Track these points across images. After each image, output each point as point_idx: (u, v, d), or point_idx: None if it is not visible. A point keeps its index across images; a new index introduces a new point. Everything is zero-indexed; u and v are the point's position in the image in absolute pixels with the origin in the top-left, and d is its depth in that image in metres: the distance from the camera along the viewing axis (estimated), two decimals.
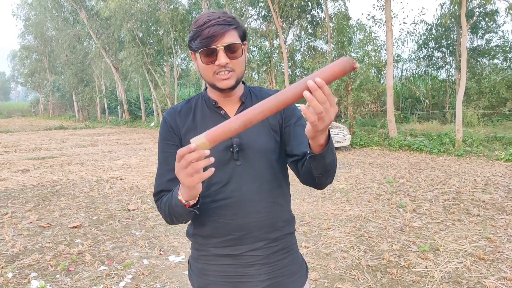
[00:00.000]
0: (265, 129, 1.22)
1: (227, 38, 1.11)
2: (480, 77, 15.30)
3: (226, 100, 1.24)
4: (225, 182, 1.18)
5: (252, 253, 1.20)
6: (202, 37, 1.10)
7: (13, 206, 5.52)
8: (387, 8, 11.56)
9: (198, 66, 1.18)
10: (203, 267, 1.26)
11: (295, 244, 1.33)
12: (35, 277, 3.27)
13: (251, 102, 1.26)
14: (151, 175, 7.67)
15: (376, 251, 3.73)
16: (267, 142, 1.21)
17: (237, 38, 1.14)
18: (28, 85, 40.63)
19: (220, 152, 1.17)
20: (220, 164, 1.16)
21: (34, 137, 16.19)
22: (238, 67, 1.15)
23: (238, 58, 1.14)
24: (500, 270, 3.25)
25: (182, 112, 1.26)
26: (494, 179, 6.80)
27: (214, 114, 1.23)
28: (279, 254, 1.24)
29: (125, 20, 19.32)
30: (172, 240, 4.09)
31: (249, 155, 1.19)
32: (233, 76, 1.15)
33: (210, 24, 1.10)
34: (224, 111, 1.23)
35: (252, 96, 1.29)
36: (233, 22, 1.14)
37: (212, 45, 1.10)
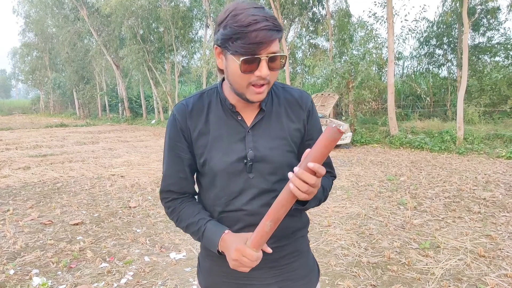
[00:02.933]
0: (285, 141, 1.14)
1: (273, 48, 0.98)
2: (481, 74, 15.26)
3: (246, 105, 1.12)
4: (236, 194, 1.12)
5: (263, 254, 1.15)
6: (247, 42, 0.95)
7: (14, 203, 5.53)
8: (389, 5, 11.52)
9: (231, 70, 1.02)
10: (210, 267, 1.23)
11: (306, 246, 1.27)
12: (36, 274, 3.28)
13: (272, 107, 1.16)
14: (152, 172, 7.68)
15: (376, 248, 3.73)
16: (284, 155, 1.13)
17: (279, 47, 1.02)
18: (29, 83, 40.62)
19: (232, 164, 1.10)
20: (232, 176, 1.11)
21: (35, 135, 16.21)
22: (274, 79, 1.05)
23: (277, 70, 1.03)
24: (500, 267, 3.25)
25: (193, 111, 1.14)
26: (495, 176, 6.80)
27: (230, 119, 1.13)
28: (288, 257, 1.20)
29: (126, 17, 19.30)
30: (173, 237, 4.10)
31: (263, 169, 1.11)
32: (266, 90, 1.04)
33: (257, 28, 0.94)
34: (241, 117, 1.13)
35: (274, 99, 1.17)
36: (280, 28, 1.00)
37: (257, 54, 0.97)
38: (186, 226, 1.16)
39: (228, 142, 1.11)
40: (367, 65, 12.40)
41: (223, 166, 1.10)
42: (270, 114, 1.15)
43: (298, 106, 1.17)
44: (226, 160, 1.10)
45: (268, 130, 1.13)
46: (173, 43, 19.98)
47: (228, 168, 1.10)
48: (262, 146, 1.11)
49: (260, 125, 1.13)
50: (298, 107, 1.17)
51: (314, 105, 1.22)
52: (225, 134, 1.12)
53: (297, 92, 1.20)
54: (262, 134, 1.12)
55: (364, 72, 12.27)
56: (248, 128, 1.12)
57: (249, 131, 1.12)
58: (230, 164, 1.10)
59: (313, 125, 1.20)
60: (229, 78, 1.05)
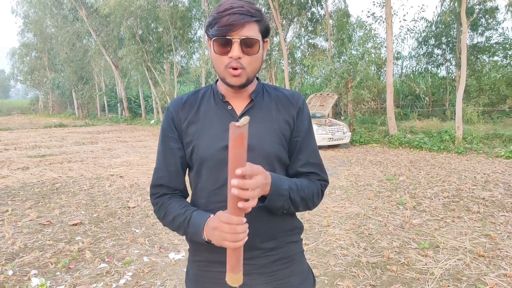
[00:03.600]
0: (274, 132, 1.13)
1: (246, 31, 1.02)
2: (480, 74, 15.29)
3: (235, 95, 1.15)
4: (221, 183, 1.09)
5: (247, 262, 1.07)
6: (220, 25, 1.01)
7: (13, 204, 5.52)
8: (387, 5, 11.53)
9: (211, 55, 1.10)
10: (197, 273, 1.19)
11: (299, 254, 1.22)
12: (35, 274, 3.27)
13: (262, 100, 1.17)
14: (151, 172, 7.67)
15: (376, 248, 3.73)
16: (273, 146, 1.12)
17: (257, 33, 1.05)
18: (27, 83, 40.57)
19: (219, 150, 1.09)
20: (218, 164, 1.09)
21: (34, 135, 16.19)
22: (250, 65, 1.06)
23: (252, 55, 1.05)
24: (500, 267, 3.25)
25: (187, 103, 1.18)
26: (494, 176, 6.80)
27: (220, 109, 1.15)
28: (278, 263, 1.15)
29: (125, 18, 19.29)
30: (172, 238, 4.09)
31: (251, 158, 1.03)
32: (243, 74, 1.06)
33: (231, 12, 1.00)
34: (231, 107, 1.14)
35: (265, 94, 1.18)
36: (257, 14, 1.04)
37: (228, 35, 1.01)
38: (173, 218, 1.11)
39: (217, 130, 1.12)
40: (366, 65, 12.41)
41: (210, 152, 1.10)
42: (260, 105, 1.15)
43: (289, 102, 1.17)
44: (213, 147, 1.10)
45: (257, 120, 1.11)
46: (172, 43, 19.97)
47: (215, 154, 1.10)
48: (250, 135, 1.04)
49: (250, 114, 1.10)
50: (289, 103, 1.17)
51: (306, 105, 1.20)
52: (215, 122, 1.13)
53: (288, 91, 1.22)
54: (251, 124, 1.06)
55: (363, 72, 12.28)
56: (237, 117, 1.12)
57: (238, 120, 1.09)
58: (216, 151, 1.09)
59: (302, 122, 1.18)
60: (213, 64, 1.11)
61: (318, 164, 1.20)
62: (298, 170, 1.16)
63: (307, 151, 1.17)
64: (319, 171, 1.19)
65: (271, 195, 1.02)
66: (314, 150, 1.20)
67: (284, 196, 1.05)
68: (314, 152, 1.19)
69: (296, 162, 1.17)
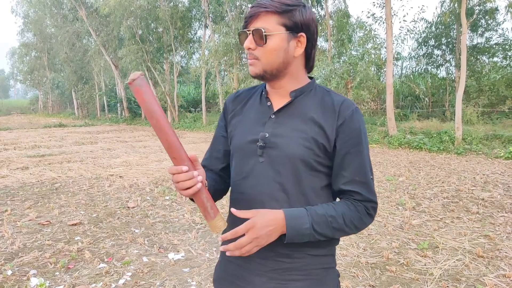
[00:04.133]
0: (303, 134, 1.07)
1: (259, 22, 1.03)
2: (479, 75, 15.30)
3: (275, 92, 1.13)
4: (244, 175, 1.12)
5: (260, 261, 1.09)
6: (244, 16, 1.09)
7: (12, 204, 5.52)
8: (387, 6, 11.54)
9: None
10: (221, 261, 1.24)
11: (320, 270, 1.11)
12: (34, 274, 3.27)
13: (303, 101, 1.11)
14: (150, 172, 7.67)
15: (375, 248, 3.73)
16: (298, 148, 1.06)
17: (273, 25, 1.02)
18: (27, 83, 40.53)
19: (246, 144, 1.12)
20: (244, 156, 1.12)
21: (33, 135, 16.18)
22: (263, 57, 1.05)
23: (262, 46, 1.04)
24: (499, 268, 3.25)
25: (240, 97, 1.24)
26: (493, 177, 6.81)
27: (262, 105, 1.16)
28: (291, 273, 1.08)
29: (125, 18, 19.27)
30: (171, 238, 4.09)
31: (274, 156, 1.07)
32: (257, 64, 1.06)
33: (254, 4, 1.04)
34: (270, 103, 1.14)
35: (310, 95, 1.12)
36: (276, 5, 1.02)
37: (246, 28, 1.05)
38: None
39: (250, 124, 1.15)
40: (366, 66, 12.42)
41: (238, 144, 1.15)
42: (298, 105, 1.11)
43: (332, 109, 1.08)
44: (242, 139, 1.14)
45: (290, 119, 1.09)
46: (172, 43, 19.96)
47: (242, 147, 1.13)
48: (279, 133, 1.08)
49: (285, 113, 1.11)
50: (332, 110, 1.08)
51: (356, 117, 1.08)
52: (252, 116, 1.16)
53: (339, 98, 1.11)
54: (283, 122, 1.10)
55: (363, 73, 12.29)
56: (272, 113, 1.12)
57: (272, 116, 1.11)
58: (244, 143, 1.13)
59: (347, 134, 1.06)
60: None
61: (364, 183, 1.08)
62: (341, 187, 1.08)
63: (351, 168, 1.07)
64: (364, 191, 1.07)
65: (288, 237, 1.01)
66: (361, 167, 1.08)
67: (307, 235, 1.02)
68: (361, 169, 1.08)
69: (339, 178, 1.09)
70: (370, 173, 1.10)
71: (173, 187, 6.45)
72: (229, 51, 16.16)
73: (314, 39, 1.10)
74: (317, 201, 1.09)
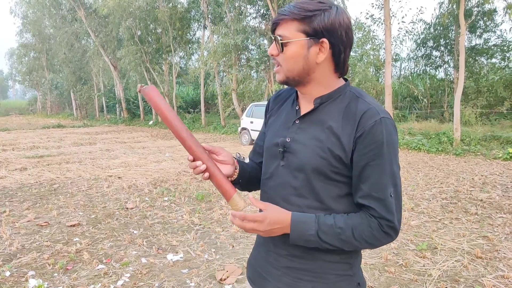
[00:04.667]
0: (319, 143, 1.05)
1: (282, 29, 1.04)
2: (478, 76, 15.33)
3: (303, 96, 1.14)
4: (268, 176, 1.17)
5: (277, 257, 1.14)
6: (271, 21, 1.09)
7: (10, 205, 5.51)
8: (386, 7, 11.55)
9: None
10: (254, 246, 1.30)
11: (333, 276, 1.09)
12: (32, 275, 3.26)
13: (327, 107, 1.09)
14: (149, 173, 7.66)
15: (374, 249, 3.73)
16: (312, 157, 1.05)
17: (292, 32, 1.02)
18: (26, 83, 40.49)
19: (272, 146, 1.16)
20: (270, 157, 1.18)
21: (32, 136, 16.15)
22: (285, 63, 1.06)
23: (284, 54, 1.05)
24: (497, 269, 3.26)
25: (280, 96, 1.27)
26: (491, 178, 6.82)
27: (292, 108, 1.18)
28: (303, 273, 1.10)
29: (124, 18, 19.27)
30: (170, 239, 4.09)
31: (292, 161, 1.09)
32: (280, 71, 1.08)
33: (279, 10, 1.09)
34: (299, 107, 1.14)
35: (336, 102, 1.09)
36: (295, 12, 1.01)
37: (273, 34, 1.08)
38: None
39: (278, 126, 1.18)
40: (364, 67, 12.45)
41: (267, 145, 1.20)
42: (321, 113, 1.09)
43: (353, 118, 1.03)
44: (271, 140, 1.18)
45: (311, 127, 1.10)
46: (171, 44, 19.95)
47: (269, 148, 1.18)
48: (298, 139, 1.10)
49: (308, 120, 1.11)
50: (353, 119, 1.03)
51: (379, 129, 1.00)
52: (283, 119, 1.19)
53: (363, 106, 1.04)
54: (305, 129, 1.10)
55: (362, 74, 12.31)
56: (295, 119, 1.14)
57: (296, 122, 1.13)
58: (271, 145, 1.16)
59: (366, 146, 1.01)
60: None
61: (381, 200, 1.01)
62: (358, 201, 1.05)
63: (370, 181, 1.02)
64: (379, 207, 1.01)
65: (292, 239, 1.05)
66: (381, 182, 1.01)
67: (312, 242, 1.03)
68: (380, 185, 1.01)
69: (357, 191, 1.05)
70: (392, 190, 1.02)
71: (171, 188, 6.46)
72: (228, 52, 16.16)
73: (343, 43, 1.04)
74: (337, 209, 1.07)
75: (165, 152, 10.70)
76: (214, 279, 3.16)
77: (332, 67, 1.08)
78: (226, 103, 18.32)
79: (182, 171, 7.87)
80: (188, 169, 8.05)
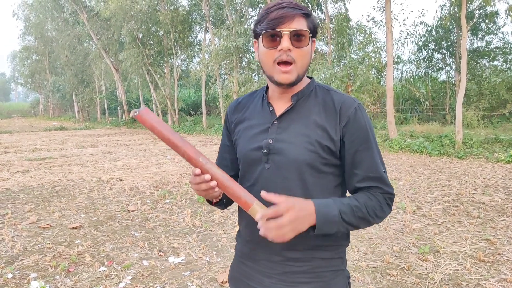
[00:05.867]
0: (306, 138, 1.07)
1: (296, 24, 1.01)
2: (480, 78, 15.31)
3: (279, 97, 1.13)
4: (252, 182, 1.13)
5: (269, 264, 1.12)
6: (269, 19, 1.01)
7: (13, 207, 5.52)
8: (387, 10, 11.57)
9: (259, 52, 1.08)
10: (235, 260, 1.27)
11: (329, 273, 1.12)
12: (34, 278, 3.27)
13: (305, 103, 1.11)
14: (150, 176, 7.67)
15: (376, 252, 3.72)
16: (302, 152, 1.06)
17: (305, 27, 1.03)
18: (28, 86, 40.61)
19: (251, 151, 1.12)
20: (251, 163, 1.13)
21: (34, 138, 16.19)
22: (301, 59, 1.04)
23: (303, 48, 1.03)
24: (500, 272, 3.24)
25: (240, 105, 1.24)
26: (494, 180, 6.80)
27: (264, 110, 1.15)
28: (300, 276, 1.10)
29: (126, 21, 19.33)
30: (171, 241, 4.09)
31: (280, 162, 1.08)
32: (293, 71, 1.04)
33: (280, 6, 1.01)
34: (273, 108, 1.13)
35: (311, 96, 1.12)
36: (305, 9, 1.04)
37: (278, 28, 1.01)
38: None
39: (254, 131, 1.15)
40: (366, 69, 12.44)
41: (244, 152, 1.16)
42: (300, 109, 1.11)
43: (333, 110, 1.08)
44: (247, 147, 1.15)
45: (293, 124, 1.09)
46: (173, 46, 20.01)
47: (248, 154, 1.14)
48: (283, 138, 1.08)
49: (287, 118, 1.10)
50: (333, 111, 1.08)
51: (360, 114, 1.08)
52: (255, 123, 1.16)
53: (339, 96, 1.10)
54: (287, 127, 1.09)
55: (363, 76, 12.30)
56: (273, 119, 1.12)
57: (275, 122, 1.11)
58: (249, 151, 1.13)
59: (353, 133, 1.06)
60: (260, 63, 1.10)
61: (378, 178, 1.08)
62: (356, 186, 1.09)
63: (364, 165, 1.07)
64: (380, 184, 1.08)
65: (318, 225, 0.99)
66: (373, 162, 1.08)
67: (336, 223, 1.01)
68: (373, 165, 1.08)
69: (352, 177, 1.09)
70: (382, 167, 1.10)
71: (173, 190, 6.46)
72: (229, 55, 16.20)
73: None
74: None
75: (166, 155, 10.71)
76: (215, 282, 3.16)
77: None
78: (228, 106, 18.33)
79: (184, 174, 7.87)
80: (189, 172, 8.05)
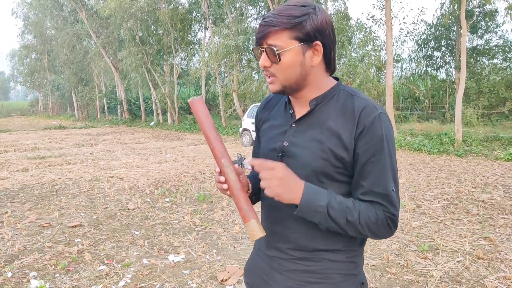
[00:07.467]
0: (319, 145, 1.05)
1: (270, 40, 1.01)
2: (479, 76, 15.31)
3: (296, 100, 1.13)
4: None
5: (280, 261, 1.13)
6: (255, 34, 1.06)
7: (12, 206, 5.52)
8: (387, 8, 11.56)
9: None
10: (252, 253, 1.29)
11: (338, 276, 1.09)
12: (34, 276, 3.27)
13: (324, 108, 1.08)
14: (150, 174, 7.67)
15: (375, 250, 3.73)
16: (314, 159, 1.04)
17: (283, 41, 1.00)
18: (27, 85, 40.60)
19: (269, 152, 1.14)
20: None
21: (33, 137, 16.19)
22: (280, 74, 1.04)
23: (278, 64, 1.02)
24: (499, 270, 3.25)
25: (269, 103, 1.27)
26: (493, 178, 6.81)
27: (286, 112, 1.16)
28: (309, 276, 1.10)
29: (125, 19, 19.30)
30: (171, 240, 4.09)
31: (292, 165, 1.05)
32: (275, 82, 1.06)
33: (262, 22, 1.03)
34: (293, 111, 1.14)
35: (332, 102, 1.08)
36: (284, 21, 0.99)
37: (258, 45, 1.05)
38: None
39: (275, 132, 1.16)
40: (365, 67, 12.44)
41: (263, 152, 1.19)
42: (318, 114, 1.09)
43: (352, 116, 1.03)
44: (267, 147, 1.17)
45: (309, 129, 1.08)
46: (172, 45, 19.98)
47: (266, 154, 1.16)
48: (297, 142, 1.09)
49: (305, 122, 1.10)
50: (351, 117, 1.03)
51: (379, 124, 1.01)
52: (277, 124, 1.18)
53: (360, 102, 1.04)
54: (303, 132, 1.09)
55: (363, 74, 12.30)
56: (291, 122, 1.12)
57: (293, 125, 1.12)
58: (267, 151, 1.15)
59: (366, 143, 1.01)
60: None
61: (384, 195, 1.01)
62: (360, 197, 1.04)
63: (371, 177, 1.01)
64: (385, 202, 1.02)
65: (301, 206, 0.98)
66: (382, 177, 1.01)
67: (320, 213, 0.98)
68: (382, 180, 1.01)
69: (358, 188, 1.04)
70: (393, 185, 1.03)
71: (172, 188, 6.46)
72: (229, 53, 16.18)
73: (332, 41, 1.05)
74: None
75: (166, 153, 10.71)
76: (215, 280, 3.16)
77: (323, 67, 1.09)
78: (227, 104, 18.32)
79: (183, 172, 7.87)
80: (189, 170, 8.06)
